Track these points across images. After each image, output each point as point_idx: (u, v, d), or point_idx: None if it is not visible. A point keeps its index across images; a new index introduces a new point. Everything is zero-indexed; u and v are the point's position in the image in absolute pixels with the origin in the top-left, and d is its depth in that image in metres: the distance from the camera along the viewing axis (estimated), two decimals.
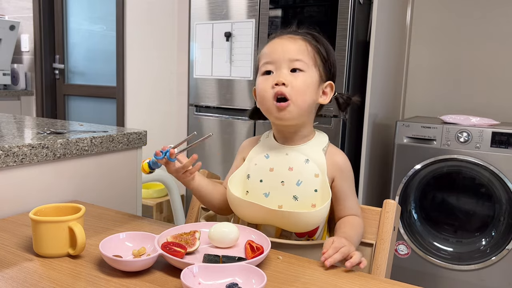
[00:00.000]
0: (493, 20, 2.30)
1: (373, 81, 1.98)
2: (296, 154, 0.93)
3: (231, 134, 2.30)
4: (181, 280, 0.63)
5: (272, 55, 0.91)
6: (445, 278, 1.96)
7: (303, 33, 0.95)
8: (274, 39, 0.94)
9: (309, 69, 0.90)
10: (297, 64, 0.89)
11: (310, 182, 0.90)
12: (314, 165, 0.91)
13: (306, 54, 0.90)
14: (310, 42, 0.92)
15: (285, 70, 0.89)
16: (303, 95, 0.89)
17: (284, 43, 0.92)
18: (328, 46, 0.95)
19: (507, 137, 1.79)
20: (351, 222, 0.94)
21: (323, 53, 0.93)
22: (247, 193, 0.93)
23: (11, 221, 0.97)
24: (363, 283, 0.72)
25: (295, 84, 0.88)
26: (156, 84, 2.95)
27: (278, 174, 0.92)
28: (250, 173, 0.95)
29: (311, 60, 0.91)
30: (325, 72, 0.93)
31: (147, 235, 0.81)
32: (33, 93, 3.56)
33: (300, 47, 0.91)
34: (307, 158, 0.92)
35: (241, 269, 0.68)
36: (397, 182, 2.01)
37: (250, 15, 2.16)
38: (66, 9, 3.42)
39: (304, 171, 0.91)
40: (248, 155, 0.99)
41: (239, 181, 0.96)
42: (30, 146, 1.05)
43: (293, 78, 0.89)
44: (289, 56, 0.89)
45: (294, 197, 0.89)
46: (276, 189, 0.91)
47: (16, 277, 0.70)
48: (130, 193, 1.38)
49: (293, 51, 0.90)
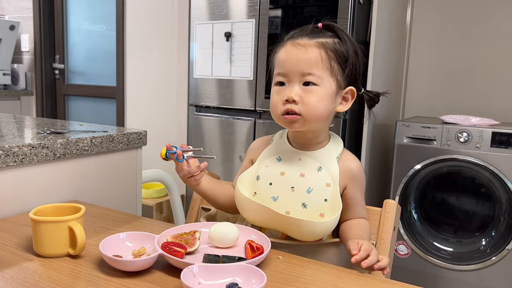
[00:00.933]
0: (493, 20, 2.30)
1: (373, 81, 1.98)
2: (310, 161, 0.91)
3: (231, 134, 2.30)
4: (181, 280, 0.63)
5: (284, 66, 0.87)
6: (445, 278, 1.96)
7: (321, 34, 0.88)
8: (288, 43, 0.88)
9: (324, 81, 0.85)
10: (309, 78, 0.85)
11: (321, 191, 0.88)
12: (326, 174, 0.89)
13: (320, 66, 0.85)
14: (327, 47, 0.86)
15: (297, 84, 0.85)
16: (315, 110, 0.85)
17: (296, 52, 0.86)
18: (350, 45, 0.88)
19: (507, 137, 1.79)
20: (361, 224, 0.92)
21: (342, 57, 0.87)
22: (255, 194, 0.92)
23: (11, 221, 0.97)
24: (363, 283, 0.72)
25: (307, 100, 0.84)
26: (156, 84, 2.95)
27: (289, 179, 0.89)
28: (260, 174, 0.93)
29: (326, 70, 0.85)
30: (344, 78, 0.88)
31: (147, 235, 0.81)
32: (33, 93, 3.56)
33: (314, 58, 0.85)
34: (320, 165, 0.90)
35: (241, 269, 0.68)
36: (397, 182, 2.01)
37: (250, 15, 2.16)
38: (66, 9, 3.42)
39: (316, 179, 0.89)
40: (260, 156, 0.96)
41: (248, 182, 0.94)
42: (30, 146, 1.05)
43: (305, 93, 0.85)
44: (301, 69, 0.85)
45: (303, 204, 0.87)
46: (285, 194, 0.89)
47: (16, 277, 0.70)
48: (130, 193, 1.38)
49: (305, 63, 0.84)
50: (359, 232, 0.89)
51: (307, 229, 0.85)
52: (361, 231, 0.90)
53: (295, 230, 0.87)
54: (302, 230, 0.86)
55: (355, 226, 0.92)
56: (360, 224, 0.92)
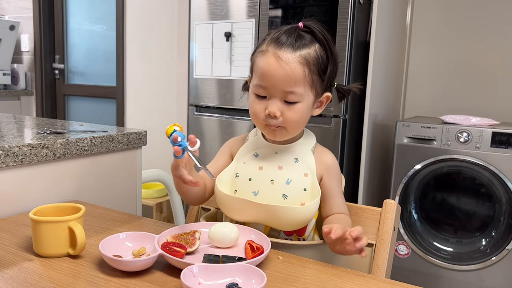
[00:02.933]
0: (493, 20, 2.30)
1: (373, 81, 1.98)
2: (286, 154, 0.93)
3: (231, 134, 2.30)
4: (181, 280, 0.63)
5: (266, 81, 0.85)
6: (445, 278, 1.96)
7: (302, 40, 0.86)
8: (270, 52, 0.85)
9: (305, 96, 0.87)
10: (291, 97, 0.85)
11: (299, 181, 0.90)
12: (303, 165, 0.92)
13: (302, 83, 0.85)
14: (309, 62, 0.85)
15: (278, 101, 0.86)
16: (297, 123, 0.89)
17: (278, 69, 0.84)
18: (328, 48, 0.88)
19: (507, 137, 1.79)
20: (340, 217, 0.93)
21: (323, 67, 0.87)
22: (235, 192, 0.93)
23: (11, 221, 0.97)
24: (363, 283, 0.72)
25: (288, 116, 0.86)
26: (156, 84, 2.95)
27: (268, 173, 0.92)
28: (238, 171, 0.94)
29: (307, 85, 0.86)
30: (323, 86, 0.90)
31: (147, 235, 0.81)
32: (33, 93, 3.56)
33: (297, 76, 0.84)
34: (296, 157, 0.93)
35: (241, 269, 0.68)
36: (397, 182, 2.01)
37: (250, 15, 2.16)
38: (66, 9, 3.42)
39: (293, 170, 0.91)
40: (237, 154, 0.98)
41: (228, 180, 0.95)
42: (30, 146, 1.05)
43: (286, 109, 0.86)
44: (283, 87, 0.84)
45: (283, 195, 0.89)
46: (265, 187, 0.91)
47: (16, 277, 0.70)
48: (130, 193, 1.38)
49: (288, 82, 0.84)
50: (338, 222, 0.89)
51: (290, 217, 0.87)
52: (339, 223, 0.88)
53: (278, 220, 0.88)
54: (285, 219, 0.88)
55: (333, 219, 0.93)
56: (339, 218, 0.93)
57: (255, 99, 0.89)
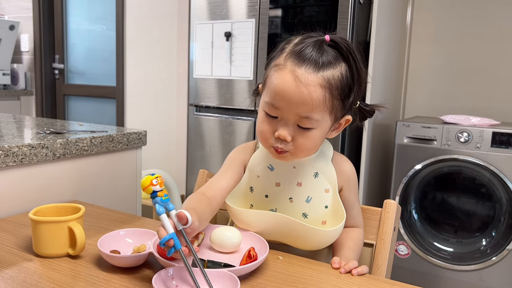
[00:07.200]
0: (493, 20, 2.30)
1: (373, 81, 1.98)
2: (305, 168, 0.85)
3: (231, 134, 2.30)
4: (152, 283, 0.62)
5: (278, 101, 0.75)
6: (445, 278, 1.96)
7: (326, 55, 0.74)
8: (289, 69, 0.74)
9: (322, 121, 0.76)
10: (306, 123, 0.75)
11: (320, 198, 0.84)
12: (323, 179, 0.85)
13: (320, 108, 0.74)
14: (332, 86, 0.74)
15: (291, 124, 0.76)
16: (308, 150, 0.79)
17: (296, 91, 0.72)
18: (356, 70, 0.77)
19: (508, 137, 1.79)
20: (354, 237, 0.89)
21: (347, 91, 0.76)
22: (251, 207, 0.87)
23: (11, 221, 0.97)
24: (363, 283, 0.72)
25: (300, 142, 0.77)
26: (156, 84, 2.95)
27: (286, 190, 0.85)
28: (253, 186, 0.87)
29: (326, 111, 0.75)
30: (343, 110, 0.79)
31: (150, 232, 0.82)
32: (32, 93, 3.56)
33: (316, 101, 0.73)
34: (316, 171, 0.85)
35: (218, 275, 0.65)
36: (397, 182, 2.01)
37: (250, 15, 2.16)
38: (66, 9, 3.42)
39: (314, 187, 0.84)
40: (249, 164, 0.89)
41: (241, 194, 0.88)
42: (30, 146, 1.05)
43: (298, 135, 0.76)
44: (299, 112, 0.74)
45: (303, 214, 0.84)
46: (283, 206, 0.85)
47: (16, 277, 0.70)
48: (130, 193, 1.37)
49: (305, 106, 0.73)
50: (347, 253, 0.85)
51: (314, 238, 0.82)
52: (349, 252, 0.86)
53: (301, 239, 0.83)
54: (308, 239, 0.82)
55: (348, 240, 0.88)
56: (353, 239, 0.88)
57: (265, 117, 0.79)
